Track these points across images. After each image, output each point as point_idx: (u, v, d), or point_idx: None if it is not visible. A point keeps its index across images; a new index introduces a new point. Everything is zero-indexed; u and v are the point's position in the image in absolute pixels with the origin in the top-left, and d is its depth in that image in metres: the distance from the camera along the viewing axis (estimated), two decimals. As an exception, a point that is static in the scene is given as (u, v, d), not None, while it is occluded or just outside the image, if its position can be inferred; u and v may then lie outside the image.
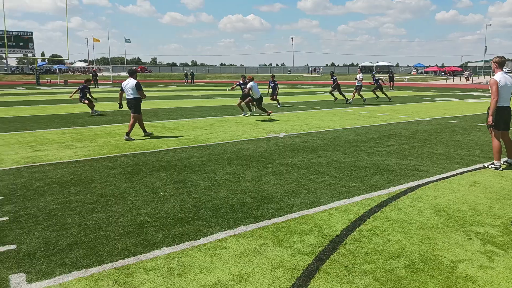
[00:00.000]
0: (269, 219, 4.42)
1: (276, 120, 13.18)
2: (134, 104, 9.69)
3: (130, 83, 9.74)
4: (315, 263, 3.44)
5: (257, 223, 4.30)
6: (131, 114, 9.68)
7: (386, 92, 22.98)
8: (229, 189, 5.50)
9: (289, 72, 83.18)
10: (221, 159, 7.40)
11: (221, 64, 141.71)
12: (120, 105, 10.64)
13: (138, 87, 9.65)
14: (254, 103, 13.80)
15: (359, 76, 21.24)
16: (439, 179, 6.06)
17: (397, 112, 15.97)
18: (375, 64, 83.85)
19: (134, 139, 9.50)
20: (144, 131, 10.16)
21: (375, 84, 21.72)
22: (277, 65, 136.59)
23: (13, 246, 3.73)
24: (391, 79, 36.02)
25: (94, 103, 15.47)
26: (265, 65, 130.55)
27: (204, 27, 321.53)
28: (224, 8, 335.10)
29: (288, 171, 6.47)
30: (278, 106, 18.49)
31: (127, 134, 9.55)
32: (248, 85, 13.23)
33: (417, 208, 4.79)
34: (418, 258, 3.55)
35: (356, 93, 20.83)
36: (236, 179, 6.00)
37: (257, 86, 13.41)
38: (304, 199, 5.10)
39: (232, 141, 9.34)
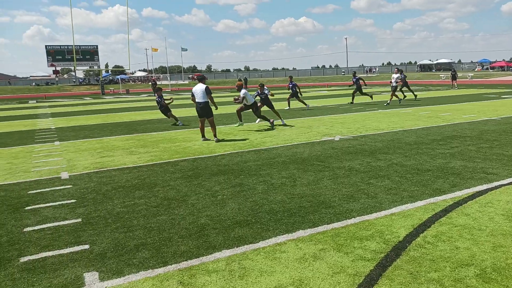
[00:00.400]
0: (327, 224, 4.37)
1: (290, 126, 12.91)
2: (206, 108, 10.15)
3: (200, 87, 10.17)
4: (378, 270, 3.35)
5: (315, 228, 4.26)
6: (208, 119, 10.21)
7: (367, 92, 21.76)
8: (286, 193, 5.51)
9: (343, 73, 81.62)
10: (276, 163, 7.43)
11: (274, 68, 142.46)
12: None
13: (207, 91, 10.14)
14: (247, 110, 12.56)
15: (396, 76, 19.35)
16: (511, 182, 5.64)
17: (460, 111, 15.09)
18: (435, 62, 79.86)
19: (209, 140, 10.31)
20: (203, 135, 10.49)
21: (355, 85, 20.15)
22: (330, 66, 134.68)
23: (86, 246, 4.01)
24: (454, 77, 34.04)
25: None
26: (318, 67, 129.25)
27: (256, 32, 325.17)
28: (276, 12, 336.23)
29: (345, 175, 6.35)
30: (307, 108, 18.47)
31: (215, 136, 10.30)
32: (242, 94, 12.06)
33: (487, 214, 4.49)
34: (490, 266, 3.33)
35: (393, 94, 19.42)
36: (292, 183, 5.99)
37: (248, 92, 12.36)
38: (364, 204, 4.97)
39: (287, 144, 9.34)
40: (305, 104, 18.59)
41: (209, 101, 10.20)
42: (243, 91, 12.07)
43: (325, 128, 11.98)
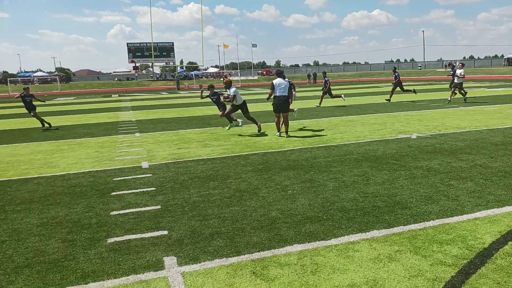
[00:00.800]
0: (404, 225, 4.19)
1: (264, 135, 10.63)
2: (286, 102, 10.14)
3: (283, 82, 10.15)
4: (460, 276, 3.15)
5: (391, 229, 4.11)
6: (284, 114, 10.18)
7: (409, 89, 20.06)
8: (358, 191, 5.37)
9: (419, 68, 77.22)
10: (348, 160, 7.27)
11: (344, 63, 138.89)
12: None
13: (292, 86, 10.44)
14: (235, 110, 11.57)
15: (460, 71, 17.53)
16: None
17: (558, 110, 13.56)
18: (527, 55, 72.34)
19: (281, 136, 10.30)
20: (278, 129, 10.51)
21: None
22: (405, 60, 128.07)
23: (165, 232, 4.26)
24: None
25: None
26: (392, 61, 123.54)
27: (327, 26, 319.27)
28: (348, 5, 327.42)
29: (423, 175, 6.03)
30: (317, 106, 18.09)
31: (286, 132, 10.30)
32: (231, 92, 10.89)
33: None
34: None
35: (456, 91, 17.75)
36: (365, 182, 5.82)
37: (238, 91, 11.25)
38: (444, 207, 4.69)
39: (359, 141, 9.09)
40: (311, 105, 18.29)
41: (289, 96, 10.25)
42: (233, 89, 11.02)
43: (401, 125, 11.45)
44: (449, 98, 17.89)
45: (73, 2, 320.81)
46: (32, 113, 14.29)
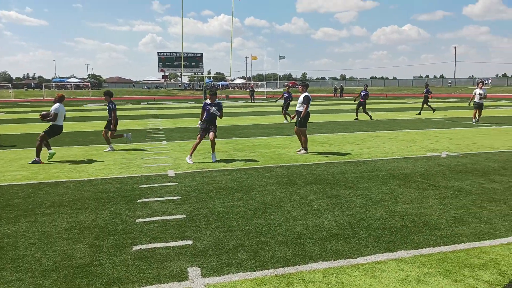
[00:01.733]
0: (433, 246, 4.06)
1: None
2: (299, 116, 9.53)
3: (301, 96, 9.61)
4: (494, 305, 3.01)
5: (419, 250, 3.98)
6: (302, 129, 9.56)
7: (430, 105, 21.33)
8: (386, 210, 5.25)
9: (449, 84, 75.54)
10: (375, 176, 7.13)
11: (372, 77, 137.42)
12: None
13: (305, 100, 9.50)
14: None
15: (479, 91, 16.17)
16: None
17: None
18: None
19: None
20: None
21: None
22: (434, 76, 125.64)
23: (190, 242, 4.27)
24: None
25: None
26: (421, 77, 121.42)
27: (356, 40, 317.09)
28: (378, 20, 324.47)
29: (454, 196, 5.84)
30: (285, 122, 17.84)
31: (305, 148, 9.62)
32: (53, 109, 9.30)
33: None
34: None
35: (477, 112, 16.47)
36: (393, 200, 5.69)
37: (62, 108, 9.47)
38: (476, 229, 4.52)
39: (387, 158, 8.92)
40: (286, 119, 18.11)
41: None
42: (56, 106, 9.21)
43: (430, 142, 11.18)
44: (473, 120, 16.73)
45: (108, 12, 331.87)
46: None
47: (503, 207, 5.28)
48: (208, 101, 8.94)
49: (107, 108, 10.85)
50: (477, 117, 16.49)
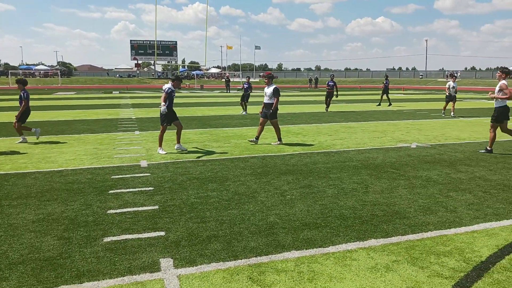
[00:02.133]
0: (402, 235, 4.18)
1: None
2: (270, 109, 9.46)
3: (269, 88, 9.53)
4: (457, 290, 3.13)
5: (389, 238, 4.10)
6: (273, 120, 9.48)
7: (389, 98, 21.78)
8: (357, 199, 5.36)
9: (421, 77, 77.37)
10: (347, 167, 7.26)
11: (346, 69, 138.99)
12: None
13: (276, 92, 9.43)
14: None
15: (453, 84, 16.37)
16: None
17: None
18: (528, 68, 72.54)
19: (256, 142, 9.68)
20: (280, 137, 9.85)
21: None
22: (407, 68, 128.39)
23: (162, 233, 4.23)
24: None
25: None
26: (394, 68, 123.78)
27: (331, 31, 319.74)
28: (353, 11, 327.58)
29: (422, 185, 6.03)
30: (243, 113, 17.57)
31: (279, 139, 9.62)
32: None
33: None
34: None
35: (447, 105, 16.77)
36: (364, 190, 5.82)
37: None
38: (442, 218, 4.68)
39: (358, 148, 9.08)
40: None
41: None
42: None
43: (401, 133, 11.46)
44: (452, 113, 16.80)
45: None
46: None
47: (468, 196, 5.49)
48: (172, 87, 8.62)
49: (19, 96, 10.13)
50: (452, 110, 16.44)
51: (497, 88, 8.52)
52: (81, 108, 20.48)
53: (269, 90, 9.55)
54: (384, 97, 21.64)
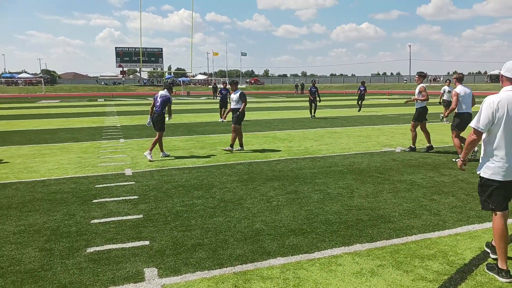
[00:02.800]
0: (386, 239, 4.21)
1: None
2: (236, 113, 9.40)
3: (236, 94, 9.53)
4: (441, 293, 3.16)
5: (374, 243, 4.12)
6: (237, 126, 9.37)
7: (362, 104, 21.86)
8: (342, 204, 5.39)
9: (405, 81, 78.55)
10: (333, 172, 7.30)
11: (331, 74, 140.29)
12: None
13: (243, 97, 9.43)
14: None
15: (448, 88, 16.01)
16: None
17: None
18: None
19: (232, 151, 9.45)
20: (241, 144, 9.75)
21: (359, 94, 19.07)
22: (391, 74, 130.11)
23: (147, 242, 4.18)
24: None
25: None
26: (379, 74, 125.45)
27: (316, 37, 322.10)
28: (337, 18, 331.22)
29: (406, 189, 6.09)
30: (221, 120, 17.07)
31: (231, 146, 9.39)
32: None
33: None
34: None
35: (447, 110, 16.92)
36: (349, 194, 5.85)
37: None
38: (426, 221, 4.73)
39: (344, 153, 9.15)
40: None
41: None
42: None
43: (385, 138, 11.59)
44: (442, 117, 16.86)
45: (63, 4, 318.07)
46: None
47: (451, 199, 5.56)
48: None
49: None
50: (446, 114, 16.36)
51: (416, 91, 9.43)
52: (65, 117, 20.21)
53: (235, 95, 9.56)
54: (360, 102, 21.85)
